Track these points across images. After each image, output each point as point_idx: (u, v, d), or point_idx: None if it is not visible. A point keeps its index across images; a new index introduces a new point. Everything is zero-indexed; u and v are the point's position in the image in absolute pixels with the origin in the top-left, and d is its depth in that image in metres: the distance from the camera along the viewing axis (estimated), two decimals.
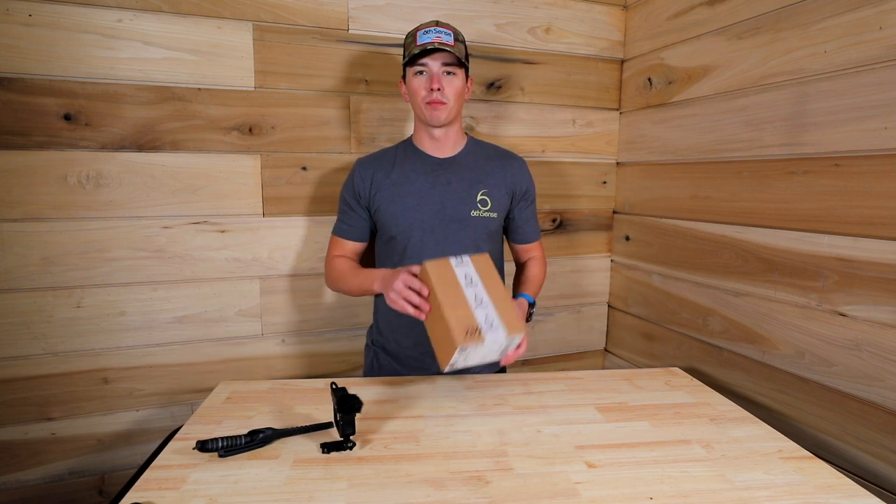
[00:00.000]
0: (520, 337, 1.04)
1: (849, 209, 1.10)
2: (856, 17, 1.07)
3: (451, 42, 1.20)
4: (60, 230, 1.32)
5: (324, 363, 1.61)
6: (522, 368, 1.84)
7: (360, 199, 1.31)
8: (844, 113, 1.10)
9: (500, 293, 1.08)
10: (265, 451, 0.97)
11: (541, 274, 1.42)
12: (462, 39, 1.25)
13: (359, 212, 1.32)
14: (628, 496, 0.86)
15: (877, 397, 1.06)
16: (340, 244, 1.35)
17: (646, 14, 1.69)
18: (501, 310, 1.05)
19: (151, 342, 1.43)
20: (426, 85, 1.21)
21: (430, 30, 1.20)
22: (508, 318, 1.04)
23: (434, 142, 1.30)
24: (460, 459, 0.96)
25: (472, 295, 1.06)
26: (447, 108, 1.22)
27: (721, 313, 1.43)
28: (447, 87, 1.21)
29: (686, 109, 1.53)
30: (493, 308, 1.05)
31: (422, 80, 1.22)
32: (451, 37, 1.21)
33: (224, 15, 1.38)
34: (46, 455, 1.38)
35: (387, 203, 1.28)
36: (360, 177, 1.30)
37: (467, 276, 1.09)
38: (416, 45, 1.19)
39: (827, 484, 0.91)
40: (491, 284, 1.09)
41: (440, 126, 1.26)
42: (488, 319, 1.03)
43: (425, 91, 1.21)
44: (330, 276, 1.35)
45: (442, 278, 1.07)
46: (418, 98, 1.23)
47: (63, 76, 1.27)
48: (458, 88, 1.23)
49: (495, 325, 1.02)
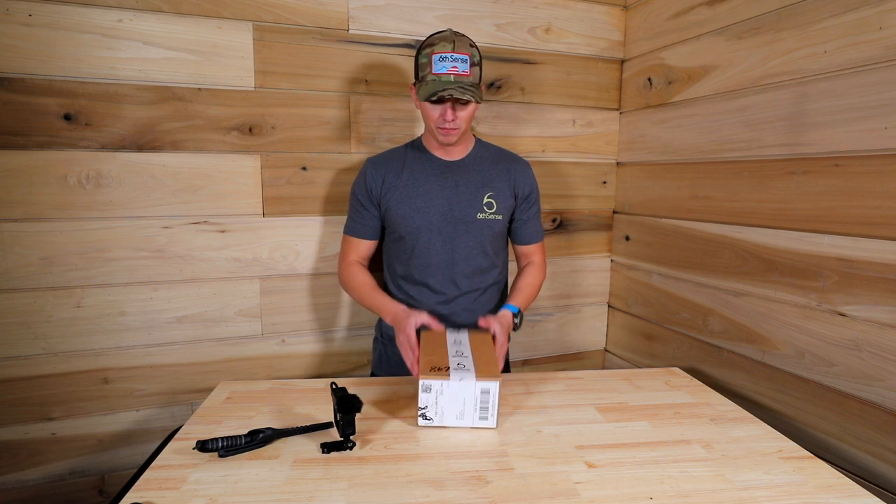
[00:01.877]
0: (495, 386, 1.02)
1: (849, 209, 1.10)
2: (856, 17, 1.07)
3: (467, 71, 1.17)
4: (60, 230, 1.32)
5: (324, 363, 1.61)
6: (522, 368, 1.84)
7: (372, 198, 1.32)
8: (844, 113, 1.10)
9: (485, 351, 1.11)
10: (265, 451, 0.97)
11: (536, 281, 1.41)
12: (478, 61, 1.21)
13: (371, 210, 1.33)
14: (628, 496, 0.86)
15: (877, 397, 1.06)
16: (355, 244, 1.36)
17: (646, 14, 1.69)
18: (479, 361, 1.07)
19: (151, 342, 1.43)
20: (440, 115, 1.20)
21: (446, 56, 1.16)
22: (483, 366, 1.05)
23: (443, 147, 1.31)
24: (460, 459, 0.96)
25: (455, 350, 1.12)
26: (459, 132, 1.23)
27: (721, 313, 1.43)
28: (460, 115, 1.20)
29: (686, 109, 1.53)
30: (471, 359, 1.07)
31: (436, 110, 1.21)
32: (468, 64, 1.17)
33: (224, 15, 1.38)
34: (46, 455, 1.38)
35: (397, 204, 1.29)
36: (372, 176, 1.31)
37: (457, 340, 1.16)
38: (431, 72, 1.16)
39: (827, 484, 0.91)
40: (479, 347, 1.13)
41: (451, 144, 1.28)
42: (461, 364, 1.05)
43: (439, 118, 1.21)
44: (346, 283, 1.36)
45: (430, 338, 1.16)
46: (430, 121, 1.23)
47: (63, 76, 1.27)
48: (470, 114, 1.23)
49: (466, 368, 1.04)
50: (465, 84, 1.15)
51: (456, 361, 1.06)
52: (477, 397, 1.03)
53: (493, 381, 1.02)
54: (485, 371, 1.03)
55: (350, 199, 1.37)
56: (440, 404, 1.03)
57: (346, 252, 1.38)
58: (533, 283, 1.40)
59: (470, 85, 1.16)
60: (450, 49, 1.16)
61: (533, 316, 1.83)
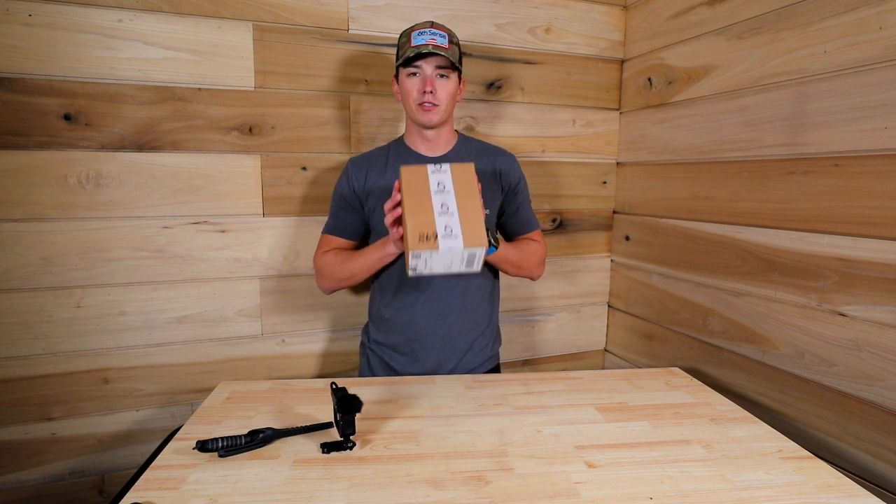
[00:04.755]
0: (481, 250, 1.01)
1: (849, 209, 1.10)
2: (856, 17, 1.07)
3: (446, 45, 1.20)
4: (60, 230, 1.32)
5: (324, 363, 1.61)
6: (522, 368, 1.84)
7: (354, 198, 1.31)
8: (844, 113, 1.10)
9: (471, 204, 1.05)
10: (265, 451, 0.97)
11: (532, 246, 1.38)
12: (456, 42, 1.26)
13: (353, 211, 1.33)
14: (628, 496, 0.86)
15: (877, 397, 1.06)
16: (333, 243, 1.35)
17: (646, 14, 1.69)
18: (465, 220, 1.03)
19: (151, 342, 1.43)
20: (419, 87, 1.21)
21: (424, 31, 1.20)
22: (469, 229, 1.02)
23: (426, 142, 1.31)
24: (460, 459, 0.96)
25: (440, 202, 1.05)
26: (439, 110, 1.23)
27: (721, 313, 1.43)
28: (440, 89, 1.22)
29: (686, 109, 1.53)
30: (458, 217, 1.03)
31: (415, 82, 1.22)
32: (446, 39, 1.21)
33: (224, 15, 1.38)
34: (46, 455, 1.38)
35: (381, 203, 1.28)
36: (354, 176, 1.31)
37: (440, 184, 1.08)
38: (410, 46, 1.20)
39: (827, 484, 0.91)
40: (464, 194, 1.07)
41: (432, 127, 1.27)
42: (448, 227, 1.01)
43: (418, 93, 1.22)
44: (325, 272, 1.33)
45: (412, 184, 1.07)
46: (410, 99, 1.23)
47: (63, 76, 1.27)
48: (450, 91, 1.24)
49: (454, 234, 1.00)
50: (443, 52, 1.18)
51: (443, 223, 1.02)
52: (464, 258, 1.02)
53: (480, 248, 1.01)
54: (471, 236, 1.01)
55: (331, 199, 1.36)
56: (429, 264, 1.02)
57: (320, 247, 1.36)
58: (528, 244, 1.37)
59: (449, 55, 1.19)
60: (428, 27, 1.22)
61: (533, 316, 1.83)
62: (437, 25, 1.23)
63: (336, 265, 1.30)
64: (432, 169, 1.09)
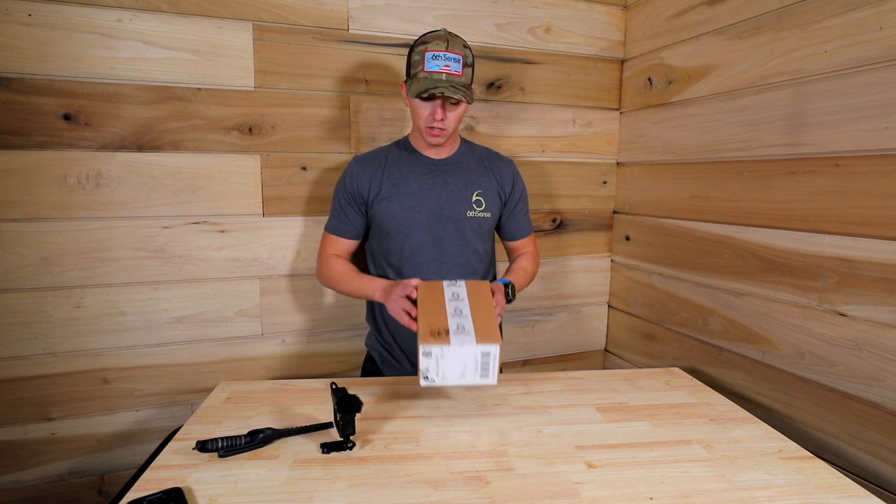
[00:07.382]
0: (495, 347, 1.00)
1: (849, 209, 1.10)
2: (856, 17, 1.07)
3: (460, 71, 1.18)
4: (60, 230, 1.32)
5: (324, 363, 1.61)
6: (522, 368, 1.84)
7: (357, 198, 1.31)
8: (844, 113, 1.10)
9: (485, 309, 1.08)
10: (265, 451, 0.97)
11: (529, 267, 1.41)
12: (471, 62, 1.22)
13: (355, 209, 1.32)
14: (628, 496, 0.86)
15: (877, 397, 1.06)
16: (335, 242, 1.35)
17: (646, 14, 1.69)
18: (478, 320, 1.04)
19: (151, 342, 1.43)
20: (430, 113, 1.21)
21: (439, 55, 1.16)
22: (482, 328, 1.02)
23: (431, 146, 1.31)
24: (460, 459, 0.96)
25: (453, 308, 1.08)
26: (447, 133, 1.24)
27: (721, 313, 1.43)
28: (450, 116, 1.21)
29: (686, 109, 1.53)
30: (471, 319, 1.05)
31: (426, 107, 1.21)
32: (460, 64, 1.18)
33: (224, 15, 1.38)
34: (46, 455, 1.38)
35: (386, 203, 1.28)
36: (358, 175, 1.30)
37: (455, 294, 1.13)
38: (423, 70, 1.17)
39: (827, 484, 0.91)
40: (477, 302, 1.10)
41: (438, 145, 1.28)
42: (460, 326, 1.03)
43: (428, 117, 1.21)
44: (325, 275, 1.35)
45: (427, 294, 1.12)
46: (420, 120, 1.23)
47: (63, 76, 1.27)
48: (460, 114, 1.23)
49: (466, 331, 1.01)
50: (456, 83, 1.16)
51: (455, 323, 1.03)
52: (478, 360, 1.01)
53: (494, 344, 1.00)
54: (484, 333, 1.01)
55: (333, 197, 1.36)
56: (441, 367, 1.01)
57: (325, 248, 1.36)
58: (525, 268, 1.40)
59: (461, 85, 1.17)
60: (443, 48, 1.17)
61: (533, 316, 1.83)
62: (453, 45, 1.18)
63: (338, 278, 1.32)
64: (448, 283, 1.16)
